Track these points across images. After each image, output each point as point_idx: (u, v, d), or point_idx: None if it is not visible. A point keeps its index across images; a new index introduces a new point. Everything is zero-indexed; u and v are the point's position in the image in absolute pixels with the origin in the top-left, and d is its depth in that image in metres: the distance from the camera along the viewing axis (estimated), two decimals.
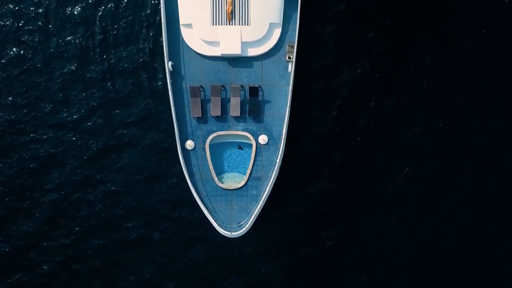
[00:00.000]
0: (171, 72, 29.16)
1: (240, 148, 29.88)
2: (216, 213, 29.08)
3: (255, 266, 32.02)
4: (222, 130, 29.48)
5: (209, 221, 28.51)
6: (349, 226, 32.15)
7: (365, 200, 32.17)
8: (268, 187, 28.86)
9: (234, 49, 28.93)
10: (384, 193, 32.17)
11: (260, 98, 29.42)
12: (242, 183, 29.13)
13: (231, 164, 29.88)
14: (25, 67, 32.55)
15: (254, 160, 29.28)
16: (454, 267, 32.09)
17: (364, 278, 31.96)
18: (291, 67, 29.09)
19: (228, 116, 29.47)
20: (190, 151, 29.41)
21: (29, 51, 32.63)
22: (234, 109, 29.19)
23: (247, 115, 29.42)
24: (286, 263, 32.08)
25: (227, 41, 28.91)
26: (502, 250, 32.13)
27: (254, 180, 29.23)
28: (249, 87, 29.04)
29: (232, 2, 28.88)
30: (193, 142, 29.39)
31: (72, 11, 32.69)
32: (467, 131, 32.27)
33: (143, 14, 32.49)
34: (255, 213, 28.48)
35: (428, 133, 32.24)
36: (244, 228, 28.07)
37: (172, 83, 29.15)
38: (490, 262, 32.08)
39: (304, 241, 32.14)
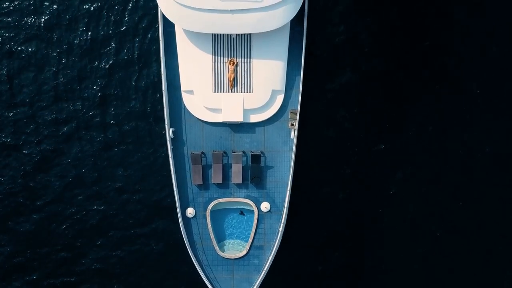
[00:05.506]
0: (172, 139, 28.79)
1: (242, 213, 29.33)
2: (217, 282, 28.41)
3: None
4: (223, 197, 28.95)
5: None
6: None
7: (372, 265, 31.56)
8: (271, 256, 28.20)
9: (236, 117, 28.57)
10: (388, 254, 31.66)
11: (262, 164, 28.94)
12: (244, 252, 28.49)
13: (232, 231, 29.27)
14: None
15: (256, 228, 28.68)
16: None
17: None
18: (294, 134, 28.71)
19: (229, 183, 28.95)
20: (191, 219, 28.86)
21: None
22: (236, 176, 28.67)
23: (249, 182, 28.95)
24: None
25: (229, 108, 28.56)
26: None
27: (256, 249, 28.60)
28: (251, 155, 28.62)
29: (234, 69, 28.63)
30: (194, 210, 28.85)
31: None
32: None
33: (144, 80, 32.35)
34: (257, 283, 27.81)
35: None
36: None
37: (173, 150, 28.76)
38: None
39: None
